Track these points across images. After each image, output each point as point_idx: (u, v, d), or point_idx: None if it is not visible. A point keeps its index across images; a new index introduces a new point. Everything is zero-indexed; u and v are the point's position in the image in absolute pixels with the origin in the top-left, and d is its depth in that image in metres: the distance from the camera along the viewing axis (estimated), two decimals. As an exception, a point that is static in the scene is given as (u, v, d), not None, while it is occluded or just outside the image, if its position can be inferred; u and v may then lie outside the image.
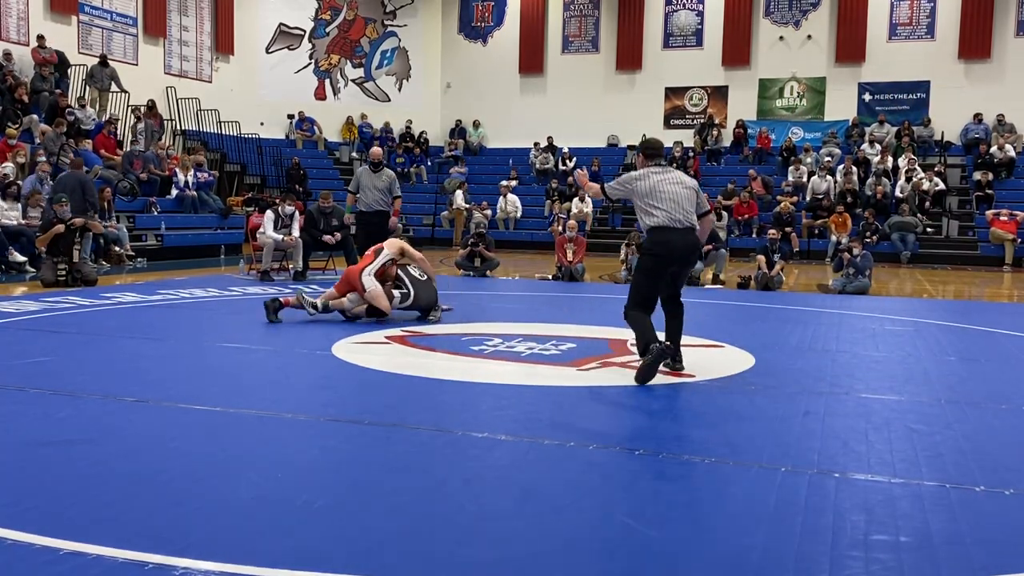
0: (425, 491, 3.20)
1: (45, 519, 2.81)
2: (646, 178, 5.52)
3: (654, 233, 5.44)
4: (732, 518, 2.99)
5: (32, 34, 16.95)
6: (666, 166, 5.67)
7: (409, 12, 24.95)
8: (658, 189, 5.46)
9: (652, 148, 5.76)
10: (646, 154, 5.71)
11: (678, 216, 5.41)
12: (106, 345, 6.33)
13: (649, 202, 5.46)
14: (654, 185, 5.48)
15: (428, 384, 5.22)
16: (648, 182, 5.50)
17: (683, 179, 5.60)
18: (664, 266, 5.47)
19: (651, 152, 5.72)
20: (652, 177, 5.52)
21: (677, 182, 5.52)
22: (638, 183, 5.53)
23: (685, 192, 5.50)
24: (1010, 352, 6.90)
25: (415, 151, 23.66)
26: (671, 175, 5.57)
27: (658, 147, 5.81)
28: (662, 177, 5.52)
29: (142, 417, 4.23)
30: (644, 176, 5.54)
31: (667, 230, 5.40)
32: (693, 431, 4.29)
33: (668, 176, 5.55)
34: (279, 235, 11.42)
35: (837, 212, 18.17)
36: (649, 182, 5.50)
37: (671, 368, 5.59)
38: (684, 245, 5.44)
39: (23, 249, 11.81)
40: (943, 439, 4.10)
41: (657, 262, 5.45)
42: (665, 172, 5.58)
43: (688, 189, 5.54)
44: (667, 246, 5.40)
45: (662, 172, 5.57)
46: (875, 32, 21.54)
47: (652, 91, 23.17)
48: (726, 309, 9.65)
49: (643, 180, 5.52)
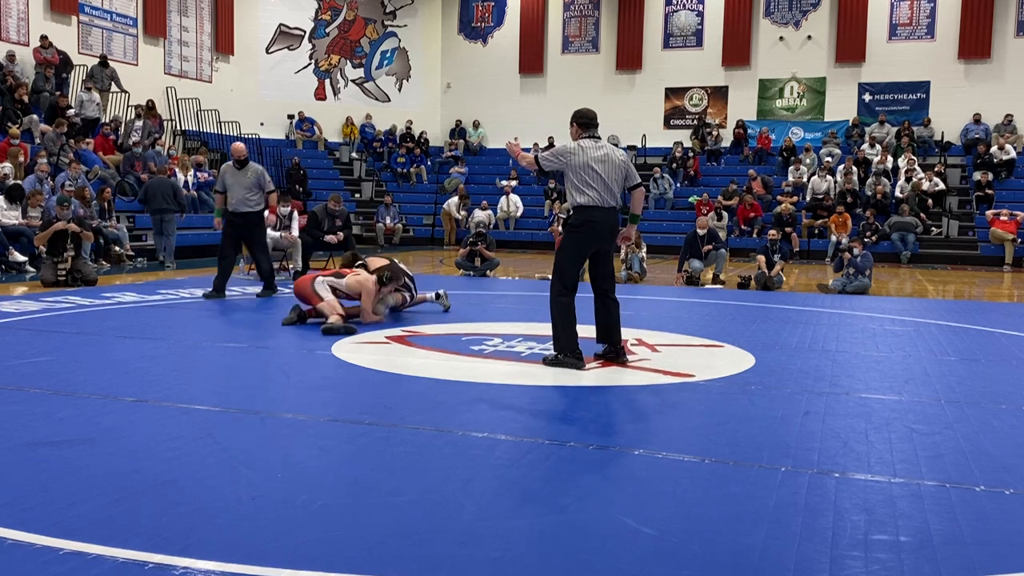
0: (425, 491, 3.19)
1: (45, 519, 2.81)
2: (581, 152, 5.56)
3: (582, 212, 5.56)
4: (732, 518, 2.98)
5: (32, 34, 16.97)
6: (599, 138, 5.72)
7: (409, 12, 24.96)
8: (592, 167, 5.53)
9: (586, 118, 5.75)
10: (580, 124, 5.72)
11: (606, 197, 5.54)
12: (106, 345, 6.33)
13: (583, 178, 5.53)
14: (588, 161, 5.53)
15: (428, 384, 5.22)
16: (583, 156, 5.54)
17: (616, 154, 5.66)
18: (588, 244, 5.62)
19: (584, 122, 5.73)
20: (588, 152, 5.56)
21: (610, 159, 5.59)
22: (573, 157, 5.56)
23: (616, 170, 5.59)
24: (1010, 352, 6.90)
25: (415, 151, 23.66)
26: (606, 150, 5.61)
27: (592, 117, 5.79)
28: (597, 153, 5.57)
29: (142, 417, 4.23)
30: (579, 150, 5.57)
31: (595, 209, 5.52)
32: (693, 431, 4.29)
33: (603, 151, 5.60)
34: (276, 234, 11.41)
35: (837, 212, 18.18)
36: (584, 157, 5.54)
37: (615, 361, 5.76)
38: (607, 226, 5.60)
39: (23, 249, 11.82)
40: (943, 439, 4.10)
41: (581, 241, 5.60)
42: (599, 147, 5.62)
43: (619, 166, 5.62)
44: (593, 226, 5.55)
45: (596, 147, 5.61)
46: (875, 32, 21.54)
47: (652, 91, 23.17)
48: (726, 309, 9.65)
49: (578, 154, 5.56)
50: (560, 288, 5.62)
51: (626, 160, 5.71)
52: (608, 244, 5.73)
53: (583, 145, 5.59)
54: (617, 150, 5.71)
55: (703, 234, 12.33)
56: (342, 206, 12.20)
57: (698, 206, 18.90)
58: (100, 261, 12.70)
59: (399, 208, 21.07)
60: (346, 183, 22.48)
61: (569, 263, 5.65)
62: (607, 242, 5.71)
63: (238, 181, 9.30)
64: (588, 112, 5.80)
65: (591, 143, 5.62)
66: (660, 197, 20.73)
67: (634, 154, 22.47)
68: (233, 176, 9.33)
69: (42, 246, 10.70)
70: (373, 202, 21.76)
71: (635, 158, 22.38)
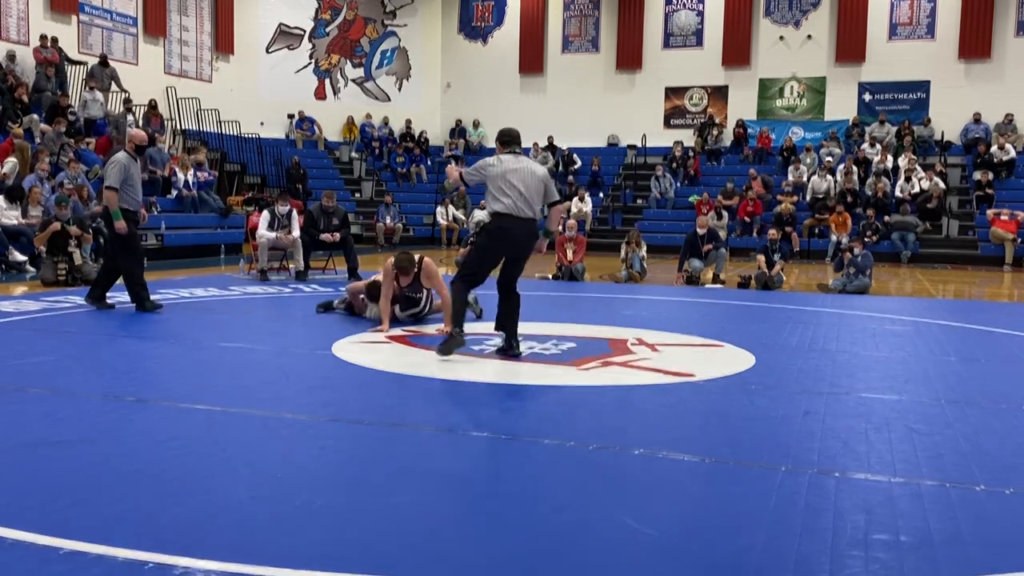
0: (425, 491, 3.19)
1: (45, 519, 2.81)
2: (499, 164, 5.86)
3: (497, 218, 5.85)
4: (732, 518, 2.98)
5: (32, 34, 16.96)
6: (520, 155, 6.01)
7: (409, 12, 24.95)
8: (508, 178, 5.80)
9: (507, 136, 6.08)
10: (501, 142, 6.06)
11: (521, 206, 5.79)
12: (106, 345, 6.33)
13: (499, 187, 5.81)
14: (504, 172, 5.82)
15: (428, 384, 5.22)
16: (500, 168, 5.84)
17: (535, 169, 5.93)
18: (499, 249, 5.95)
19: (506, 139, 6.06)
20: (505, 164, 5.85)
21: (529, 172, 5.86)
22: (491, 169, 5.88)
23: (534, 183, 5.86)
24: (1010, 352, 6.90)
25: (415, 151, 23.66)
26: (523, 164, 5.90)
27: (514, 135, 6.10)
28: (515, 166, 5.85)
29: (142, 417, 4.23)
30: (497, 163, 5.88)
31: (509, 218, 5.79)
32: (693, 431, 4.29)
33: (520, 166, 5.88)
34: (273, 234, 11.37)
35: (837, 212, 18.18)
36: (501, 168, 5.84)
37: (508, 353, 5.98)
38: (521, 234, 5.86)
39: (23, 249, 11.82)
40: (943, 439, 4.10)
41: (493, 244, 5.93)
42: (518, 161, 5.91)
43: (538, 180, 5.89)
44: (506, 232, 5.83)
45: (515, 160, 5.90)
46: (875, 32, 21.54)
47: (652, 91, 23.17)
48: (726, 309, 9.65)
49: (496, 167, 5.86)
50: (459, 275, 6.03)
51: (546, 177, 5.98)
52: (521, 252, 5.99)
53: (502, 158, 5.91)
54: (539, 167, 6.01)
55: (703, 234, 12.33)
56: (334, 202, 12.15)
57: (698, 206, 18.89)
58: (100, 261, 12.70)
59: (399, 208, 21.06)
60: (346, 183, 22.48)
61: (477, 263, 6.01)
62: (521, 250, 5.97)
63: (140, 174, 8.17)
64: (510, 131, 6.14)
65: (510, 157, 5.91)
66: (661, 197, 20.73)
67: (634, 154, 22.49)
68: (136, 168, 8.04)
69: (42, 246, 10.70)
70: (373, 202, 21.75)
71: (635, 158, 22.40)
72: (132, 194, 7.90)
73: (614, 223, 20.35)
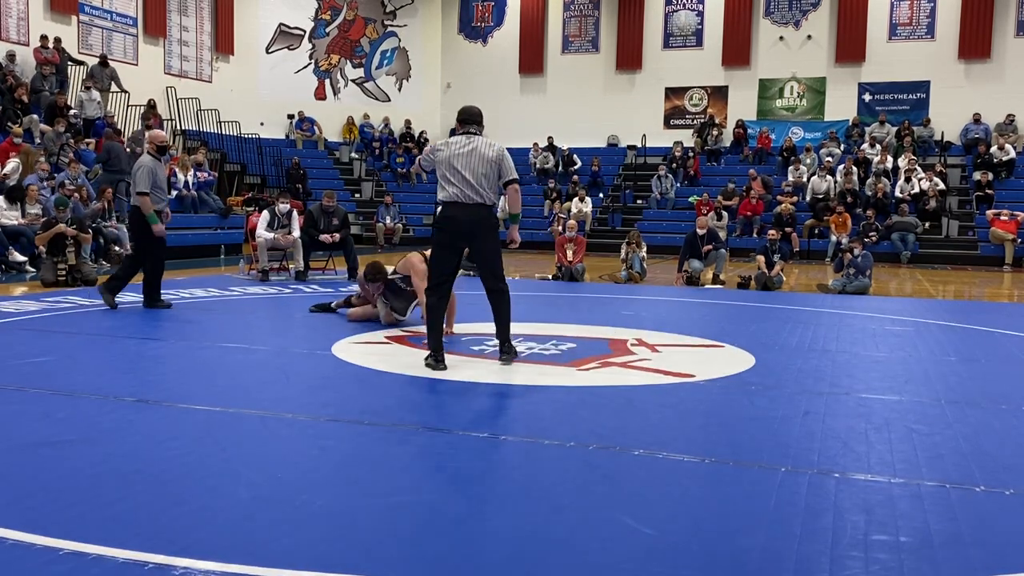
0: (424, 491, 3.19)
1: (45, 519, 2.81)
2: (447, 148, 5.53)
3: (443, 207, 5.55)
4: (732, 518, 2.98)
5: (32, 34, 16.97)
6: (474, 135, 5.59)
7: (409, 12, 24.95)
8: (454, 163, 5.46)
9: (465, 114, 5.69)
10: (459, 120, 5.70)
11: (468, 192, 5.44)
12: (106, 345, 6.33)
13: (443, 174, 5.49)
14: (451, 157, 5.47)
15: (428, 384, 5.22)
16: (447, 152, 5.50)
17: (484, 152, 5.50)
18: (451, 240, 5.55)
19: (463, 118, 5.67)
20: (452, 147, 5.51)
21: (477, 156, 5.47)
22: (439, 153, 5.55)
23: (483, 168, 5.47)
24: (1010, 352, 6.90)
25: (415, 151, 23.65)
26: (473, 145, 5.50)
27: (472, 113, 5.68)
28: (463, 149, 5.49)
29: (142, 417, 4.23)
30: (445, 147, 5.55)
31: (454, 205, 5.46)
32: (693, 431, 4.29)
33: (469, 147, 5.49)
34: (272, 234, 11.36)
35: (837, 212, 18.18)
36: (448, 152, 5.50)
37: (503, 359, 5.71)
38: (468, 221, 5.47)
39: (23, 249, 11.82)
40: (943, 439, 4.10)
41: (443, 236, 5.55)
42: (469, 142, 5.52)
43: (490, 163, 5.49)
44: (453, 221, 5.49)
45: (465, 143, 5.52)
46: (875, 32, 21.54)
47: (652, 91, 23.17)
48: (726, 309, 9.65)
49: (444, 150, 5.53)
50: (430, 286, 5.68)
51: (500, 156, 5.53)
52: (475, 242, 5.58)
53: (450, 141, 5.58)
54: (493, 146, 5.56)
55: (703, 234, 12.33)
56: (335, 202, 12.14)
57: (698, 206, 18.90)
58: (100, 261, 12.70)
59: (399, 208, 21.06)
60: (346, 183, 22.47)
61: (437, 265, 5.66)
62: (474, 240, 5.56)
63: (165, 175, 8.22)
64: (469, 108, 5.72)
65: (461, 139, 5.55)
66: (662, 197, 20.73)
67: (634, 154, 22.48)
68: (161, 170, 8.16)
69: (42, 246, 10.70)
70: (373, 202, 21.75)
71: (635, 158, 22.40)
72: (159, 195, 8.12)
73: (614, 223, 20.36)
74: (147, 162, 8.01)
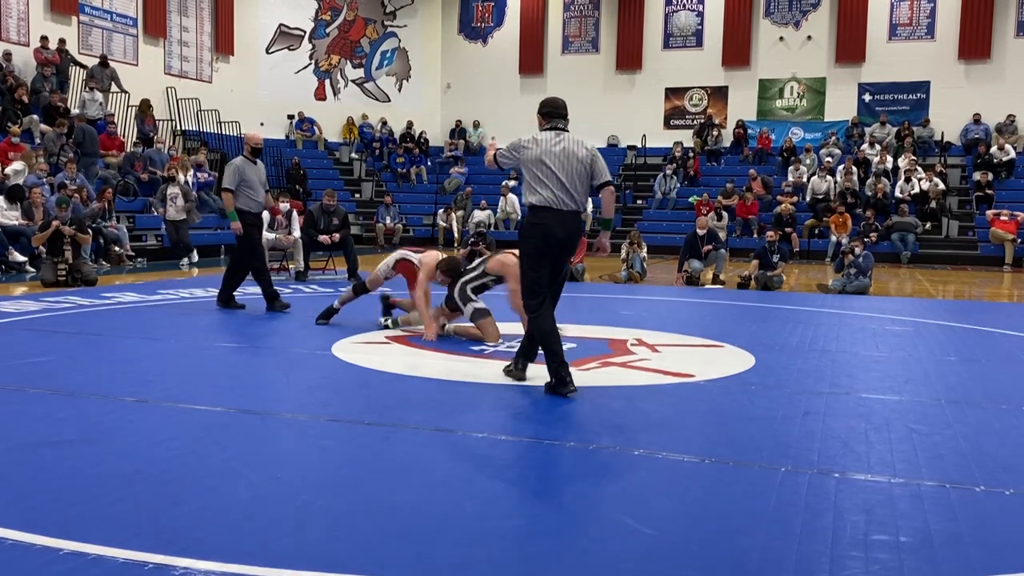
0: (425, 491, 3.19)
1: (45, 519, 2.81)
2: (535, 146, 4.90)
3: (535, 213, 4.90)
4: (732, 518, 2.98)
5: (32, 34, 16.96)
6: (563, 130, 4.99)
7: (409, 12, 24.95)
8: (547, 162, 4.85)
9: (550, 107, 5.04)
10: (542, 114, 5.06)
11: (563, 197, 4.84)
12: (106, 345, 6.33)
13: (535, 174, 4.86)
14: (542, 155, 4.86)
15: (428, 384, 5.22)
16: (537, 150, 4.88)
17: (578, 150, 4.91)
18: (544, 251, 4.91)
19: (548, 111, 5.03)
20: (543, 145, 4.90)
21: (571, 155, 4.88)
22: (526, 151, 4.91)
23: (579, 167, 4.88)
24: (1010, 352, 6.90)
25: (415, 151, 23.66)
26: (565, 143, 4.91)
27: (558, 106, 5.05)
28: (555, 147, 4.88)
29: (142, 417, 4.23)
30: (533, 144, 4.92)
31: (549, 212, 4.84)
32: (693, 431, 4.29)
33: (561, 145, 4.89)
34: (272, 235, 11.37)
35: (837, 212, 18.18)
36: (538, 150, 4.88)
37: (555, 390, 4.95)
38: (565, 231, 4.89)
39: (23, 249, 11.82)
40: (943, 439, 4.10)
41: (535, 247, 4.92)
42: (559, 139, 4.92)
43: (582, 164, 4.89)
44: (546, 230, 4.86)
45: (556, 139, 4.92)
46: (875, 32, 21.54)
47: (652, 91, 23.17)
48: (726, 309, 9.65)
49: (532, 148, 4.90)
50: (532, 304, 5.03)
51: (592, 155, 4.94)
52: (564, 255, 5.00)
53: (538, 138, 4.93)
54: (583, 144, 4.96)
55: (703, 234, 12.33)
56: (335, 201, 12.14)
57: (698, 206, 18.89)
58: (100, 261, 12.70)
59: (399, 208, 21.06)
60: (346, 183, 22.47)
61: (531, 277, 4.98)
62: (564, 252, 4.97)
63: (258, 176, 8.24)
64: (553, 101, 5.08)
65: (550, 135, 4.93)
66: (664, 196, 20.73)
67: (634, 154, 22.48)
68: (253, 171, 8.19)
69: (42, 246, 10.70)
70: (373, 202, 21.75)
71: (635, 158, 22.39)
72: (252, 195, 8.14)
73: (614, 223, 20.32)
74: (237, 162, 8.22)
